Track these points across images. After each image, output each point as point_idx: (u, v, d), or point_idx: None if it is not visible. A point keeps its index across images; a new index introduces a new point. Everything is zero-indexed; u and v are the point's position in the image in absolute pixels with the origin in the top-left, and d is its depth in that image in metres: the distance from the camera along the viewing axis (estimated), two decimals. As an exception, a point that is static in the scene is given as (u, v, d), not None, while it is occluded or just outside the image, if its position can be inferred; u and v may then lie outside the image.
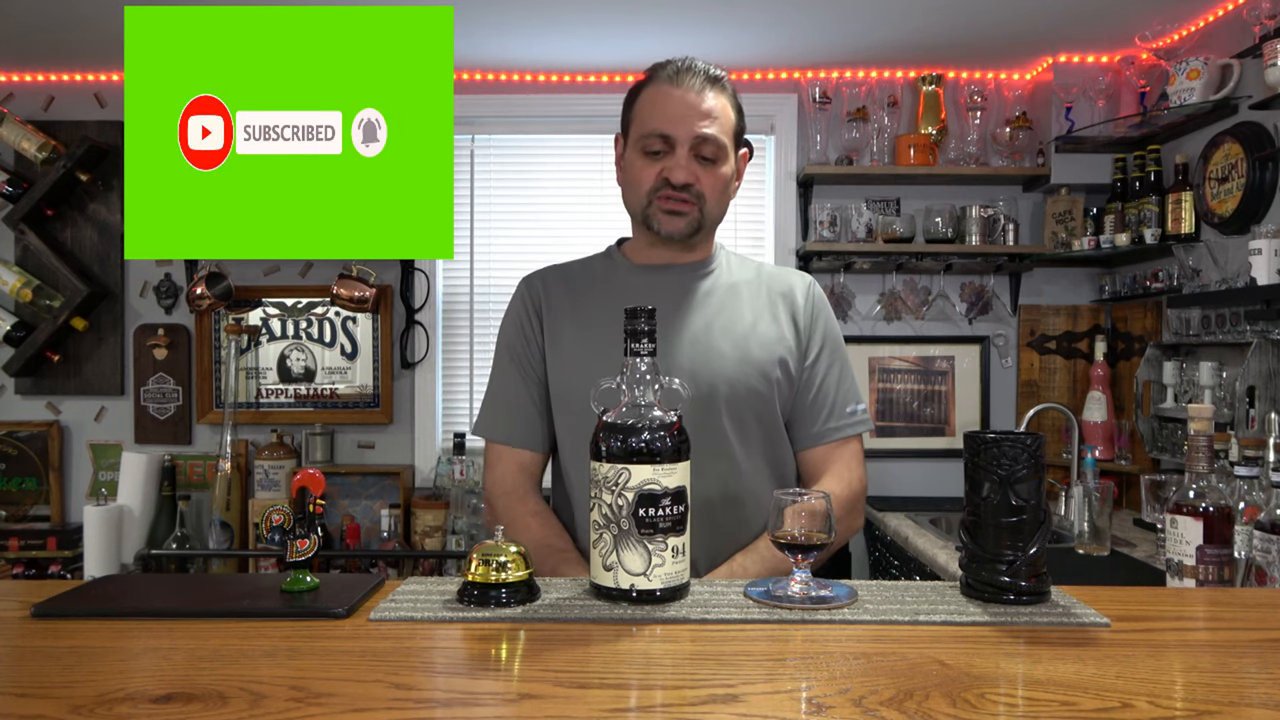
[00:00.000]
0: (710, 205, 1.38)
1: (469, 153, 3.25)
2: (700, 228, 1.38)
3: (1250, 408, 2.14)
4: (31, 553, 2.96)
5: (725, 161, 1.37)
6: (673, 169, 1.34)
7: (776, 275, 1.48)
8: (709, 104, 1.34)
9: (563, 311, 1.44)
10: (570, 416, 1.40)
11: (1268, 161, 2.32)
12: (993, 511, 0.95)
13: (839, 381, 1.44)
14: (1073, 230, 2.98)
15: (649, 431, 0.94)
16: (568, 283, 1.47)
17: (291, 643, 0.83)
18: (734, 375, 1.34)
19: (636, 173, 1.38)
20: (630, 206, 1.42)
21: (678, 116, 1.33)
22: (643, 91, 1.39)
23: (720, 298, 1.42)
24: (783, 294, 1.44)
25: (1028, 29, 2.74)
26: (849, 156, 3.08)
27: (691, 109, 1.33)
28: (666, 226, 1.36)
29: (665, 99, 1.35)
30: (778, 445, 1.42)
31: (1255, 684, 0.74)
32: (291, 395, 3.20)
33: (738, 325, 1.39)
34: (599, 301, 1.42)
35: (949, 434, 3.20)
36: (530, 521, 1.38)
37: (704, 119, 1.34)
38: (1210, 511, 1.32)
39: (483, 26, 2.75)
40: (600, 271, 1.48)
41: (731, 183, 1.41)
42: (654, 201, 1.36)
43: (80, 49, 2.94)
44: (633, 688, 0.73)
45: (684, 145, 1.33)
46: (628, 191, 1.42)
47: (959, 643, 0.84)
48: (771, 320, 1.41)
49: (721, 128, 1.35)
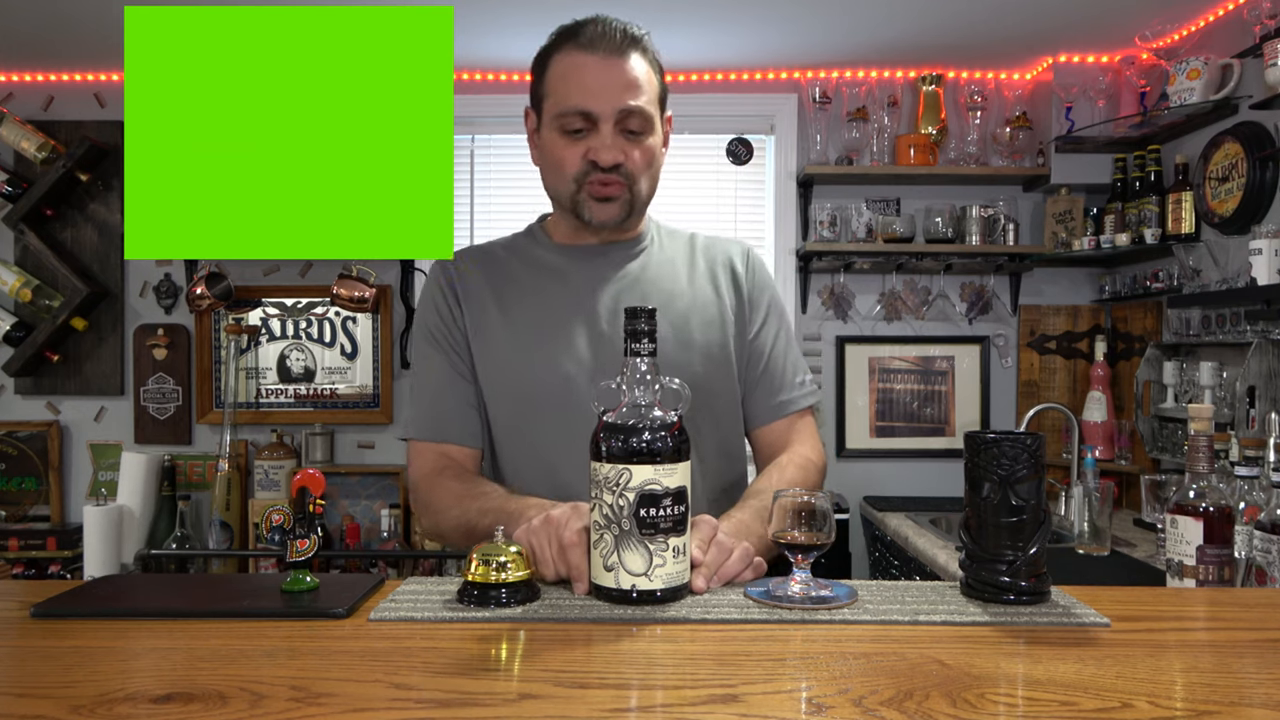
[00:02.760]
0: (642, 183, 1.26)
1: (469, 153, 3.25)
2: (633, 210, 1.27)
3: (1250, 408, 2.14)
4: (31, 553, 2.96)
5: (652, 133, 1.25)
6: (599, 150, 1.21)
7: (712, 245, 1.38)
8: (632, 72, 1.21)
9: (482, 295, 1.32)
10: (498, 405, 1.29)
11: (1268, 161, 2.32)
12: (993, 511, 0.95)
13: (786, 351, 1.36)
14: (1073, 230, 2.98)
15: (650, 431, 0.94)
16: (487, 264, 1.35)
17: (291, 643, 0.83)
18: (675, 362, 1.23)
19: (556, 155, 1.24)
20: (553, 191, 1.29)
21: (598, 89, 1.19)
22: (553, 58, 1.24)
23: (653, 278, 1.31)
24: (722, 264, 1.36)
25: (1028, 29, 2.73)
26: (849, 156, 3.08)
27: (613, 80, 1.19)
28: (599, 215, 1.25)
29: (581, 70, 1.20)
30: (729, 431, 1.34)
31: (1255, 684, 0.74)
32: (291, 395, 3.20)
33: (675, 307, 1.28)
34: (522, 285, 1.32)
35: (949, 434, 3.20)
36: (449, 483, 1.24)
37: (628, 90, 1.20)
38: (1210, 511, 1.32)
39: (483, 26, 2.75)
40: (522, 252, 1.36)
41: (659, 154, 1.28)
42: (582, 188, 1.24)
43: (80, 49, 2.94)
44: (633, 688, 0.73)
45: (608, 122, 1.20)
46: (548, 174, 1.28)
47: (959, 643, 0.84)
48: (713, 294, 1.32)
49: (648, 97, 1.22)
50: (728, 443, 1.35)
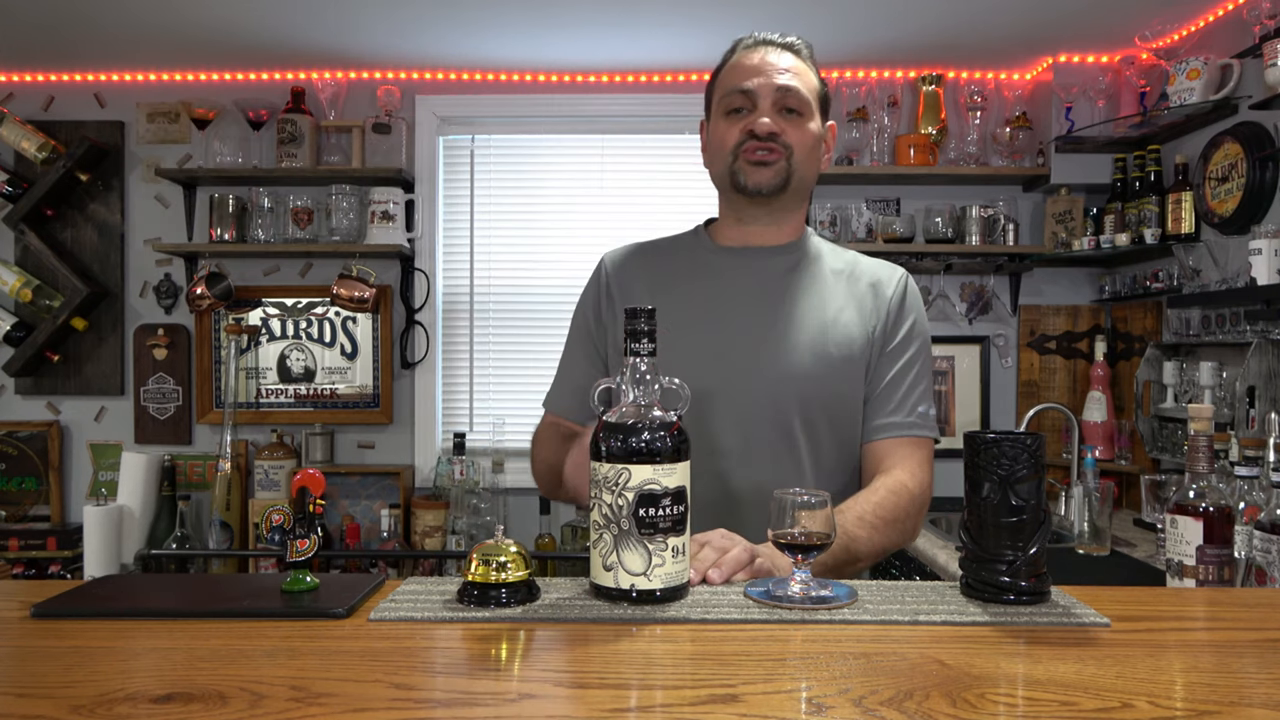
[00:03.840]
0: (799, 160, 1.31)
1: (469, 153, 3.25)
2: (788, 182, 1.31)
3: (1250, 408, 2.14)
4: (31, 553, 2.96)
5: (811, 118, 1.33)
6: (755, 120, 1.29)
7: (869, 266, 1.40)
8: (791, 60, 1.32)
9: (638, 293, 1.37)
10: None
11: (1268, 161, 2.32)
12: (993, 511, 0.95)
13: (917, 380, 1.35)
14: (1073, 230, 2.98)
15: (649, 431, 0.94)
16: (646, 262, 1.42)
17: (291, 643, 0.83)
18: (808, 373, 1.28)
19: (721, 135, 1.33)
20: (715, 172, 1.37)
21: (758, 70, 1.31)
22: (724, 65, 1.38)
23: (803, 286, 1.35)
24: (871, 284, 1.37)
25: (1028, 29, 2.74)
26: (849, 156, 3.08)
27: (771, 65, 1.31)
28: (753, 178, 1.30)
29: (744, 61, 1.33)
30: (852, 446, 1.35)
31: (1255, 684, 0.74)
32: (291, 395, 3.20)
33: (818, 318, 1.32)
34: (679, 283, 1.37)
35: (949, 434, 3.20)
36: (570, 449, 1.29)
37: (784, 73, 1.31)
38: (1210, 511, 1.32)
39: (483, 26, 2.75)
40: (683, 251, 1.42)
41: (821, 144, 1.35)
42: (739, 157, 1.31)
43: (80, 49, 2.94)
44: (633, 688, 0.73)
45: (766, 99, 1.30)
46: (713, 160, 1.36)
47: (959, 643, 0.84)
48: (856, 313, 1.34)
49: (804, 84, 1.32)
50: (849, 456, 1.36)
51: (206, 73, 3.15)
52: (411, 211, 3.12)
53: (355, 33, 2.80)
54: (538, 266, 3.23)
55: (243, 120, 3.09)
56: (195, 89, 3.15)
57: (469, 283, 3.25)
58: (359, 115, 3.13)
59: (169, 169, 3.04)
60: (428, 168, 3.18)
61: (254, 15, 2.65)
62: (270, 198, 3.08)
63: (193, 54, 2.99)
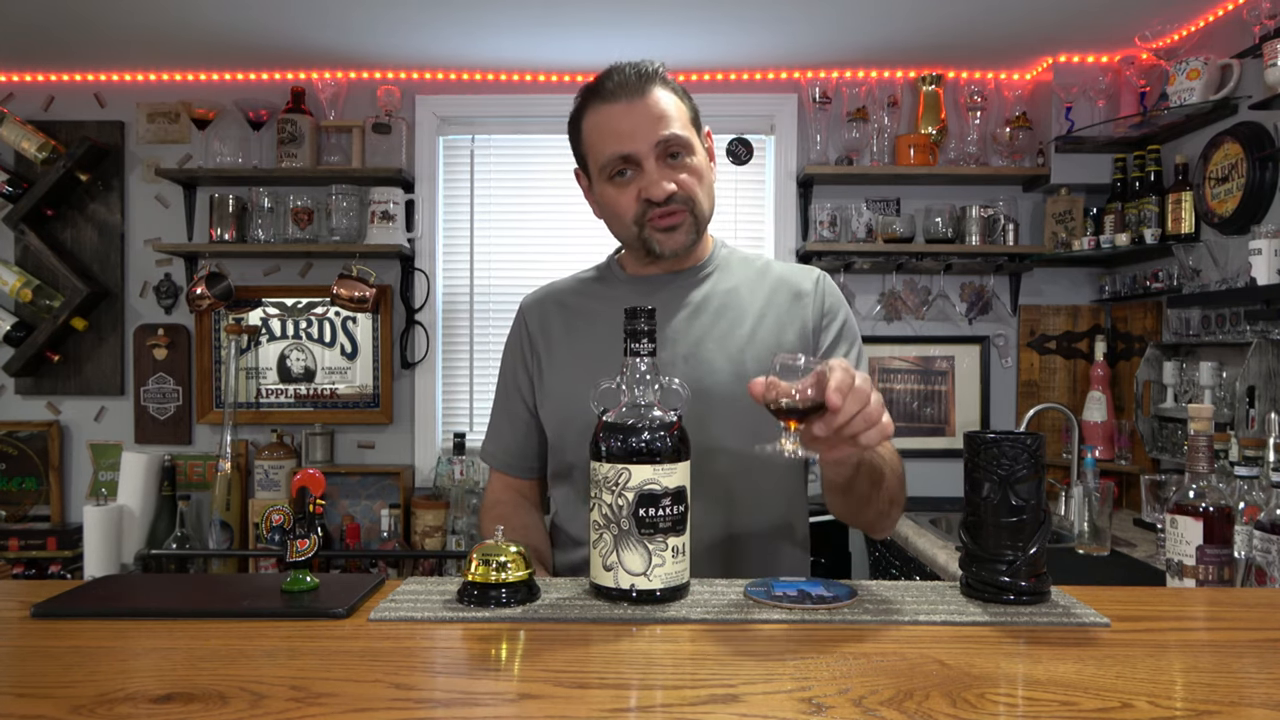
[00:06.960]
0: (701, 203, 1.30)
1: (469, 153, 3.25)
2: (699, 232, 1.31)
3: (1250, 408, 2.14)
4: (31, 553, 2.96)
5: (694, 152, 1.29)
6: (649, 187, 1.25)
7: (783, 273, 1.39)
8: (658, 106, 1.26)
9: (555, 334, 1.38)
10: (561, 435, 1.34)
11: (1268, 161, 2.32)
12: (993, 511, 0.95)
13: None
14: (1073, 230, 2.98)
15: (649, 431, 0.94)
16: (560, 301, 1.42)
17: (291, 643, 0.83)
18: (729, 392, 1.24)
19: (613, 203, 1.30)
20: (620, 237, 1.35)
21: (630, 131, 1.25)
22: (584, 118, 1.32)
23: (716, 306, 1.34)
24: (792, 293, 1.35)
25: (1028, 29, 2.74)
26: (849, 156, 3.08)
27: (642, 118, 1.25)
28: (667, 245, 1.29)
29: (610, 119, 1.27)
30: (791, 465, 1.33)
31: (1255, 684, 0.74)
32: (291, 395, 3.20)
33: (734, 336, 1.31)
34: (595, 318, 1.36)
35: (949, 434, 3.20)
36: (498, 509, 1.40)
37: (658, 123, 1.25)
38: (1210, 511, 1.32)
39: (482, 26, 2.75)
40: (596, 285, 1.42)
41: (708, 170, 1.32)
42: (645, 226, 1.28)
43: (80, 49, 2.94)
44: (633, 688, 0.73)
45: (649, 158, 1.25)
46: (612, 224, 1.34)
47: (959, 643, 0.84)
48: (774, 325, 1.32)
49: (679, 122, 1.27)
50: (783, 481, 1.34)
51: (206, 73, 3.15)
52: (411, 211, 3.12)
53: (355, 33, 2.80)
54: (538, 266, 3.23)
55: (243, 120, 3.09)
56: (195, 89, 3.15)
57: (469, 283, 3.25)
58: (359, 115, 3.13)
59: (169, 169, 3.04)
60: (428, 168, 3.18)
61: (254, 15, 2.65)
62: (270, 198, 3.08)
63: (193, 54, 2.99)
